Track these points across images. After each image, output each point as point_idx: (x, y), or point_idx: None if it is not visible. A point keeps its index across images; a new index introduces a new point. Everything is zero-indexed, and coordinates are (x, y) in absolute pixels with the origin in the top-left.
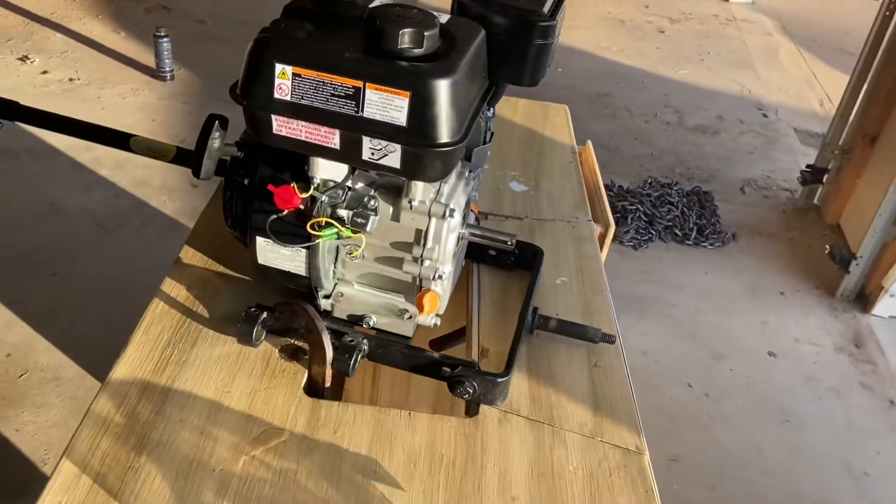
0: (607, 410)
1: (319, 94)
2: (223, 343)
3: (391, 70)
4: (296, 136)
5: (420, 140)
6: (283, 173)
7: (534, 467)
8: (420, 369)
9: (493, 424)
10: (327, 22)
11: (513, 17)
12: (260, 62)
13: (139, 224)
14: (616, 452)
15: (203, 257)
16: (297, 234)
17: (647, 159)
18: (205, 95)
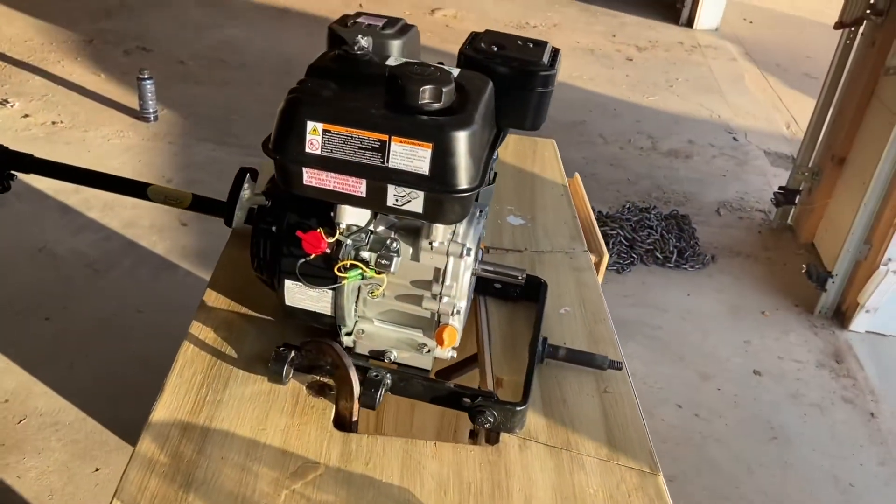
0: (620, 434)
1: (348, 147)
2: (253, 382)
3: (414, 124)
4: (325, 186)
5: (442, 187)
6: (310, 220)
7: (557, 492)
8: (440, 400)
9: (514, 452)
10: (350, 80)
11: (515, 68)
12: (293, 120)
13: (131, 265)
14: (632, 475)
15: (225, 300)
16: (324, 277)
17: (623, 184)
18: (190, 136)
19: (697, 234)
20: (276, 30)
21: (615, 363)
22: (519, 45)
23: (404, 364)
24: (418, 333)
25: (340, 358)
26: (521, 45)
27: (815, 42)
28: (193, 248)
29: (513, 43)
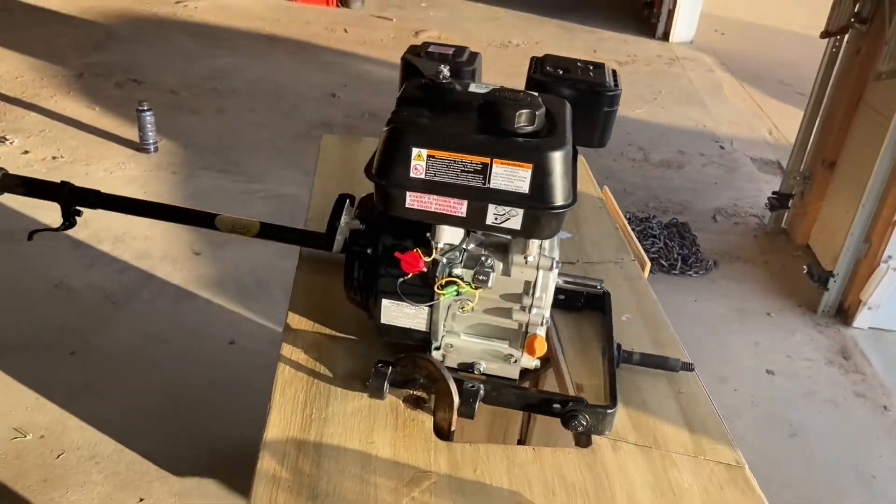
0: (701, 431)
1: (451, 171)
2: (352, 399)
3: (515, 147)
4: (427, 208)
5: (540, 204)
6: (405, 241)
7: (654, 488)
8: (532, 407)
9: (608, 452)
10: (441, 107)
11: (584, 90)
12: (398, 148)
13: (149, 296)
14: (720, 468)
15: (308, 322)
16: (421, 294)
17: (621, 195)
18: (191, 165)
19: (698, 242)
20: (263, 57)
21: (687, 365)
22: (581, 68)
23: (492, 375)
24: (504, 345)
25: (439, 371)
26: (583, 68)
27: (785, 50)
28: (209, 277)
29: (574, 66)
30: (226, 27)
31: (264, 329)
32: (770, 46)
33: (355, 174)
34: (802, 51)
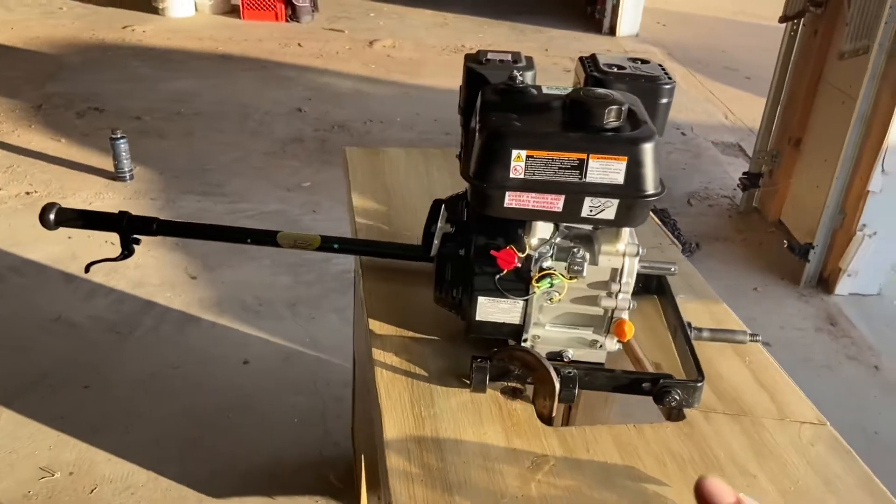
0: (778, 395)
1: (549, 169)
2: (454, 394)
3: (609, 141)
4: (525, 206)
5: (635, 193)
6: (496, 239)
7: (754, 451)
8: (623, 388)
9: (702, 423)
10: (525, 109)
11: (645, 84)
12: (497, 150)
13: (153, 323)
14: (806, 427)
15: (389, 326)
16: (516, 289)
17: None
18: (170, 190)
19: (679, 226)
20: (222, 77)
21: (754, 335)
22: (633, 64)
23: (579, 361)
24: (588, 331)
25: (539, 360)
26: (634, 63)
27: (725, 37)
28: (210, 299)
29: (624, 62)
30: (178, 49)
31: (275, 346)
32: (710, 35)
33: (388, 185)
34: (741, 37)
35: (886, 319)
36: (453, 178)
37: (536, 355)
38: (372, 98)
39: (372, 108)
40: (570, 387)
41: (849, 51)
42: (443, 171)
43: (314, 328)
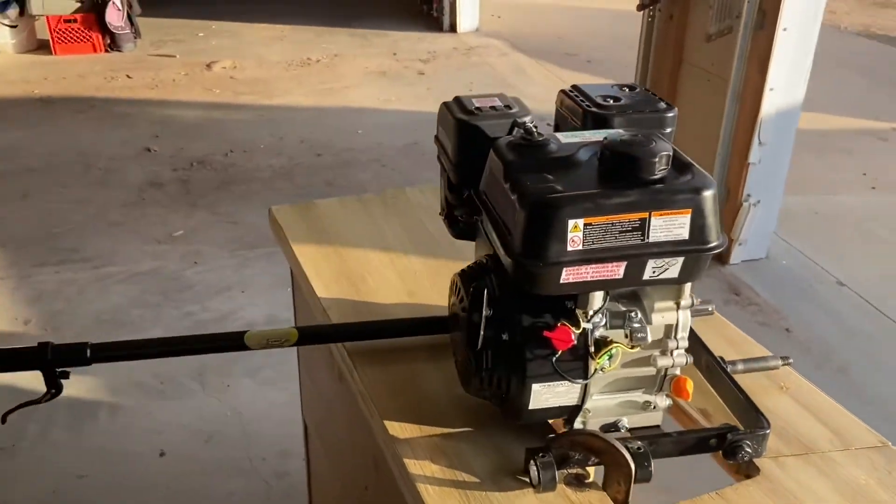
0: (832, 423)
1: (609, 235)
2: (518, 499)
3: (670, 194)
4: (583, 279)
5: (700, 248)
6: (543, 317)
7: (840, 492)
8: (690, 449)
9: (778, 473)
10: (560, 167)
11: (649, 115)
12: (551, 222)
13: (39, 429)
14: (873, 453)
15: (411, 426)
16: (574, 368)
17: None
18: (21, 265)
19: None
20: (47, 123)
21: (786, 358)
22: (623, 93)
23: (636, 428)
24: (639, 393)
25: (608, 443)
26: (624, 92)
27: (559, 24)
28: (101, 387)
29: (614, 91)
30: None
31: (191, 427)
32: (544, 23)
33: (337, 245)
34: (572, 22)
35: (780, 280)
36: (404, 226)
37: (602, 437)
38: (226, 125)
39: (229, 136)
40: (645, 465)
41: (715, 32)
42: (390, 218)
43: (231, 398)
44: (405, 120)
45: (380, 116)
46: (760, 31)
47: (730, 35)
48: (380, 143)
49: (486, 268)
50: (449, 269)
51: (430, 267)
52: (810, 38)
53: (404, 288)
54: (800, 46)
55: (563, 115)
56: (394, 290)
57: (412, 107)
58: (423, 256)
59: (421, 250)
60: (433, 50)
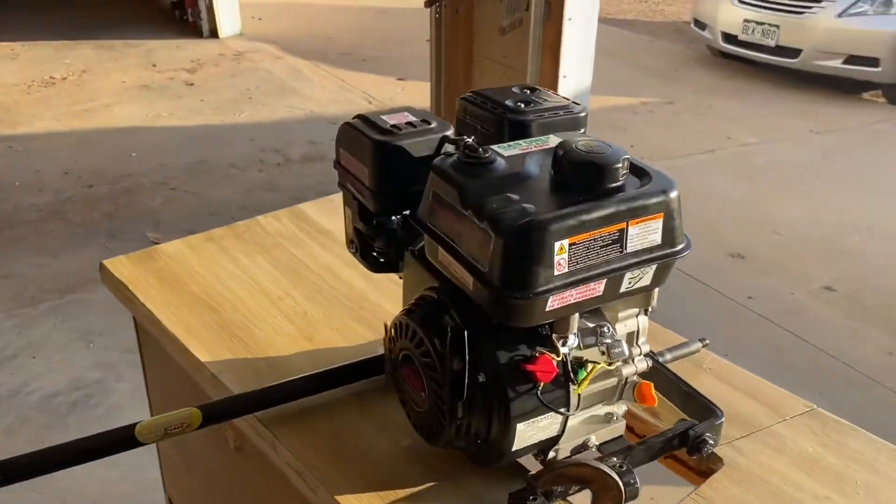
0: (760, 396)
1: (591, 252)
2: None
3: (645, 200)
4: (566, 303)
5: (673, 251)
6: (518, 349)
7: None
8: (659, 453)
9: (739, 459)
10: (514, 185)
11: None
12: (536, 247)
13: None
14: (806, 419)
15: (368, 496)
16: (558, 399)
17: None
18: None
19: None
20: None
21: (704, 340)
22: (528, 95)
23: (603, 443)
24: (601, 406)
25: (595, 469)
26: (528, 94)
27: (325, 24)
28: None
29: (518, 94)
30: None
31: None
32: (310, 23)
33: (202, 297)
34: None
35: None
36: (273, 262)
37: (588, 464)
38: None
39: None
40: (632, 482)
41: (508, 25)
42: (253, 255)
43: (54, 487)
44: (184, 136)
45: (153, 135)
46: (549, 23)
47: (521, 27)
48: (162, 165)
49: (442, 304)
50: (342, 305)
51: (320, 305)
52: (592, 26)
53: (300, 334)
54: (584, 35)
55: (469, 123)
56: (289, 339)
57: (188, 121)
58: (308, 293)
59: (303, 287)
60: (197, 58)
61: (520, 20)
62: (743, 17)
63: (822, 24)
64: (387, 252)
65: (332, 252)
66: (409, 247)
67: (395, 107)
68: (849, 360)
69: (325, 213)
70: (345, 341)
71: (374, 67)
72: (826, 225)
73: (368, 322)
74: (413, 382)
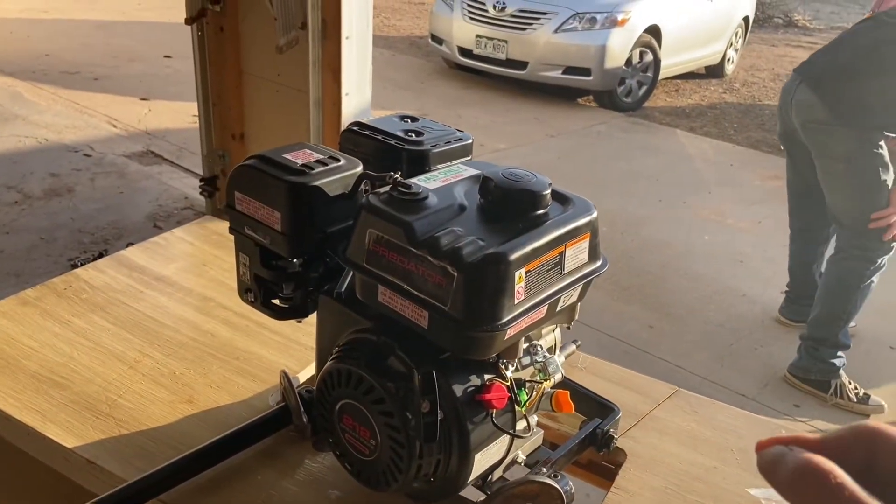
0: (632, 385)
1: (541, 278)
2: None
3: (575, 221)
4: (520, 329)
5: (597, 267)
6: (471, 379)
7: (683, 443)
8: (575, 454)
9: (639, 448)
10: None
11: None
12: (501, 279)
13: None
14: (676, 400)
15: None
16: (509, 422)
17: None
18: None
19: None
20: None
21: (576, 341)
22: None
23: (528, 455)
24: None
25: (539, 483)
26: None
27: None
28: None
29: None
30: None
31: None
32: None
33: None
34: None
35: None
36: (115, 320)
37: (534, 480)
38: None
39: None
40: (568, 487)
41: (284, 44)
42: (87, 315)
43: None
44: None
45: None
46: (326, 41)
47: (298, 46)
48: None
49: (385, 345)
50: (214, 358)
51: (188, 362)
52: (368, 44)
53: (176, 397)
54: (362, 52)
55: (359, 154)
56: (166, 405)
57: None
58: (169, 350)
59: (160, 344)
60: None
61: (296, 39)
62: (475, 33)
63: (542, 39)
64: (292, 297)
65: (179, 301)
66: (319, 289)
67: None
68: (620, 335)
69: (155, 257)
70: (230, 398)
71: (110, 87)
72: None
73: (249, 373)
74: (360, 431)
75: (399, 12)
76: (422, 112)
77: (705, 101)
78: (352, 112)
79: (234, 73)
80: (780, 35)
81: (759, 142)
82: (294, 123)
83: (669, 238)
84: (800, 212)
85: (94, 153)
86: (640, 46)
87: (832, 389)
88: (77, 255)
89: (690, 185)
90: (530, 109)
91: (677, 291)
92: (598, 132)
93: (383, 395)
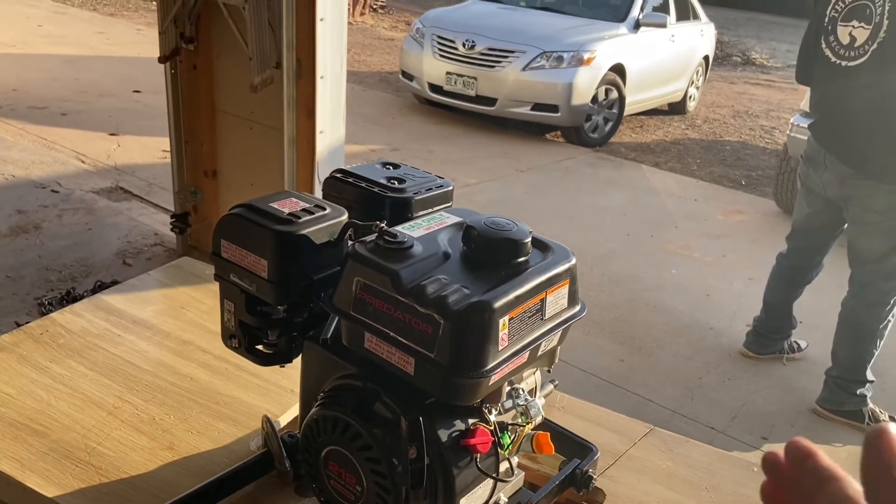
0: (609, 424)
1: (524, 324)
2: None
3: (555, 268)
4: (503, 375)
5: (574, 312)
6: (456, 424)
7: (659, 482)
8: (555, 495)
9: (617, 488)
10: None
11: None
12: (487, 326)
13: None
14: (653, 437)
15: None
16: (493, 465)
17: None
18: None
19: None
20: None
21: (553, 381)
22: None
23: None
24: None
25: None
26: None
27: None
28: None
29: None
30: None
31: None
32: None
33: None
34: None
35: None
36: (93, 365)
37: None
38: None
39: None
40: None
41: (259, 83)
42: (64, 361)
43: None
44: None
45: None
46: (301, 80)
47: (273, 85)
48: None
49: (371, 391)
50: (194, 403)
51: (168, 407)
52: (341, 82)
53: (157, 444)
54: (335, 91)
55: (342, 201)
56: (146, 452)
57: None
58: (148, 396)
59: (139, 390)
60: None
61: (271, 78)
62: (445, 70)
63: (511, 76)
64: (277, 343)
65: (157, 344)
66: (304, 335)
67: (277, 192)
68: (592, 369)
69: (132, 301)
70: (211, 443)
71: (78, 122)
72: None
73: (230, 417)
74: (345, 477)
75: (369, 48)
76: (392, 147)
77: (669, 136)
78: (326, 149)
79: (207, 110)
80: (739, 73)
81: (721, 177)
82: (268, 161)
83: (638, 271)
84: (799, 250)
85: (61, 189)
86: (606, 84)
87: (867, 418)
88: (44, 293)
89: (656, 220)
90: (500, 145)
91: (647, 325)
92: (566, 167)
93: (370, 441)
